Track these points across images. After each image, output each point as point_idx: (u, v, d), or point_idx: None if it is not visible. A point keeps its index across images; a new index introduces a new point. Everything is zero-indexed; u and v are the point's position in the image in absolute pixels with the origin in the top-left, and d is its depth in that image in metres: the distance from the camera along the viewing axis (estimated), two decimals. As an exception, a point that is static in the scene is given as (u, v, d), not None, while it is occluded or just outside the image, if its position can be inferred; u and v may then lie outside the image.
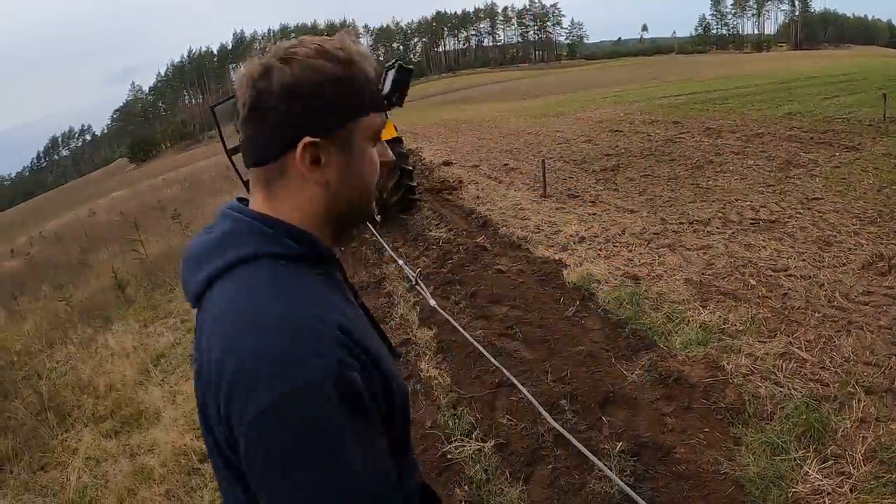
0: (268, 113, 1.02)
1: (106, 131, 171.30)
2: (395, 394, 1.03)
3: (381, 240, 6.93)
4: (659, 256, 6.06)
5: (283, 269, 1.01)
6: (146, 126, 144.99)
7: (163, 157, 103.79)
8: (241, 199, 1.13)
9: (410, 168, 9.64)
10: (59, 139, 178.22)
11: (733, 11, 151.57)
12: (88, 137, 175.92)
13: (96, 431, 5.25)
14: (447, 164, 14.11)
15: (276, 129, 1.03)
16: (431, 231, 8.57)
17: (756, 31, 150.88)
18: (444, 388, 4.47)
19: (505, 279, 6.19)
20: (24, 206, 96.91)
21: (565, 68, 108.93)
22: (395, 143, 9.24)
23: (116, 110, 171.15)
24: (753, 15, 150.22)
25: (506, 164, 12.96)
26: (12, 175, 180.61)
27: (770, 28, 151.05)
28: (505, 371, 3.14)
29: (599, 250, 6.53)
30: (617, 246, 6.60)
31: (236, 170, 10.14)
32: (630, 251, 6.37)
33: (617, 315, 4.90)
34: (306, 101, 1.02)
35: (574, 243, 6.86)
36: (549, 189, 9.78)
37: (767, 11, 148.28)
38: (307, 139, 1.02)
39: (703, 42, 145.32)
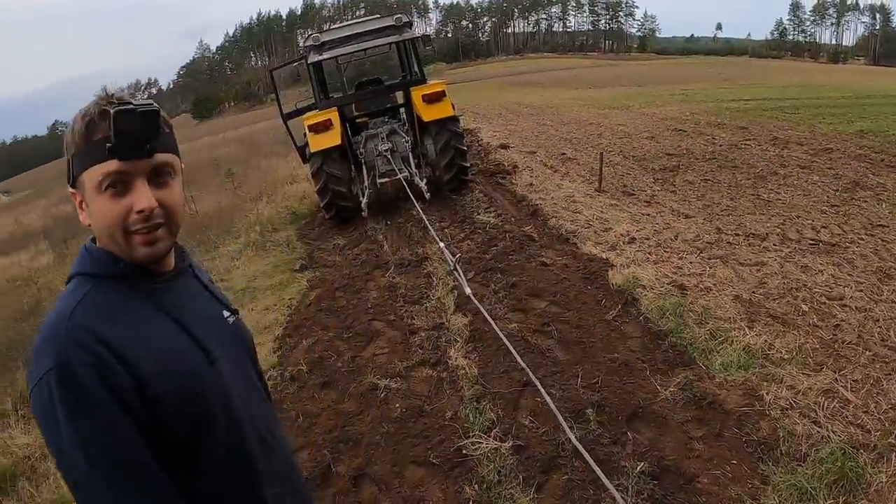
0: None
1: (171, 86, 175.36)
2: (158, 402, 1.18)
3: (425, 218, 6.83)
4: (710, 268, 5.80)
5: (83, 284, 1.24)
6: (211, 84, 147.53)
7: (225, 116, 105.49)
8: None
9: (465, 148, 9.55)
10: (126, 91, 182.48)
11: (812, 18, 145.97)
12: (154, 91, 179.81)
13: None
14: (504, 147, 13.96)
15: None
16: (480, 214, 8.48)
17: (834, 42, 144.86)
18: (470, 379, 4.40)
19: (548, 273, 6.05)
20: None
21: (635, 60, 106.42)
22: (451, 121, 9.17)
23: (183, 66, 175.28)
24: (832, 24, 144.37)
25: (563, 154, 12.71)
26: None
27: (848, 39, 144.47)
28: (531, 373, 3.02)
29: (649, 253, 6.30)
30: (667, 251, 6.36)
31: (291, 135, 10.26)
32: (680, 258, 6.13)
33: (658, 325, 4.70)
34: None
35: (623, 243, 6.65)
36: (604, 184, 9.53)
37: (847, 22, 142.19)
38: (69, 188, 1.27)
39: (778, 47, 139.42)
